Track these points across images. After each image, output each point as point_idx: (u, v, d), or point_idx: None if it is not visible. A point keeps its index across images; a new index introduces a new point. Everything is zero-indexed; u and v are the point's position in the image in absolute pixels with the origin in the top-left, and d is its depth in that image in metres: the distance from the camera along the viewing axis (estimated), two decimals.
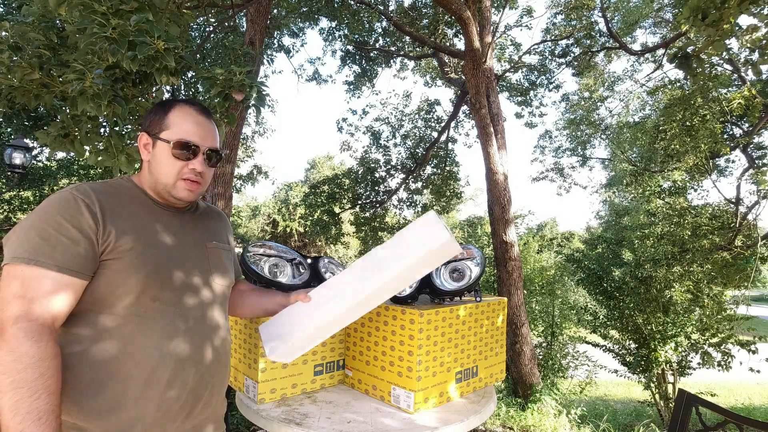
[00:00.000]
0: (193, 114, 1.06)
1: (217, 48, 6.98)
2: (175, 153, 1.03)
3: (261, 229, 17.54)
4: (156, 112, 1.07)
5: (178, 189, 1.04)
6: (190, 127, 1.05)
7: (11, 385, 0.77)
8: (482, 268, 1.62)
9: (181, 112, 1.05)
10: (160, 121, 1.05)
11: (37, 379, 0.78)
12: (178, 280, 1.00)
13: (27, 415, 0.76)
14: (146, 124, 1.07)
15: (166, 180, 1.03)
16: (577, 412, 4.69)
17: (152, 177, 1.05)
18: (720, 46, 2.14)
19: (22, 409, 0.76)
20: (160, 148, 1.04)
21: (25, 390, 0.77)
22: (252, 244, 1.63)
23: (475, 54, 4.88)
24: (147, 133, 1.06)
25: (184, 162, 1.04)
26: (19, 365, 0.78)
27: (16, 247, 0.86)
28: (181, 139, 1.03)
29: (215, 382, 1.06)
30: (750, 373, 5.65)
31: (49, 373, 0.80)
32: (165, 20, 1.88)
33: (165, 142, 1.03)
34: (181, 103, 1.08)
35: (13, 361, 0.78)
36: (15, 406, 0.76)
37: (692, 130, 5.86)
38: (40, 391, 0.78)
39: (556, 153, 12.66)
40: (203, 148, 1.06)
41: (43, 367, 0.80)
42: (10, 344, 0.79)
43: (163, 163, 1.03)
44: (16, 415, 0.76)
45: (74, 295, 0.88)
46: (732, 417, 1.82)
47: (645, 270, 6.17)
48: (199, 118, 1.07)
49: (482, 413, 1.48)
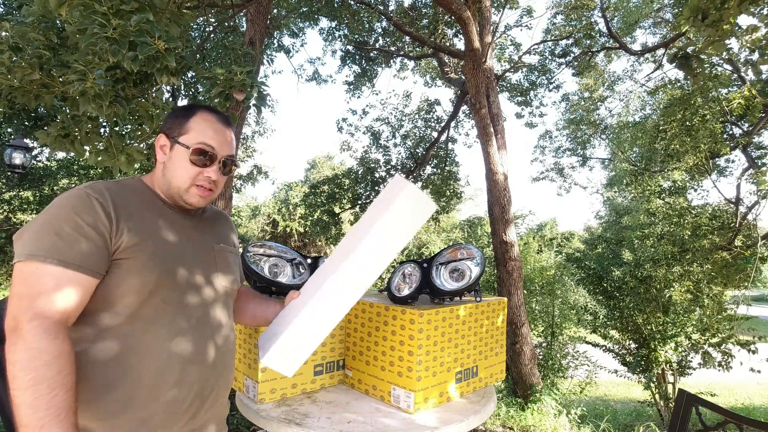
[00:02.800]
0: (213, 121, 1.07)
1: (217, 48, 6.99)
2: (193, 159, 1.04)
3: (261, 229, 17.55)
4: (178, 115, 1.07)
5: (190, 194, 1.05)
6: (210, 134, 1.05)
7: (30, 382, 0.77)
8: (482, 268, 1.62)
9: (202, 119, 1.06)
10: (180, 124, 1.05)
11: (55, 376, 0.79)
12: (186, 281, 1.00)
13: (46, 412, 0.77)
14: (166, 126, 1.07)
15: (180, 184, 1.04)
16: (577, 412, 4.69)
17: (165, 179, 1.05)
18: (720, 46, 2.14)
19: (41, 405, 0.77)
20: (177, 152, 1.04)
21: (44, 387, 0.78)
22: (252, 244, 1.63)
23: (475, 54, 4.88)
24: (165, 135, 1.06)
25: (200, 168, 1.04)
26: (37, 362, 0.78)
27: (30, 245, 0.86)
28: (200, 146, 1.04)
29: (220, 384, 1.07)
30: (750, 373, 5.66)
31: (67, 370, 0.81)
32: (165, 20, 1.88)
33: (183, 146, 1.04)
34: (204, 109, 1.08)
35: (31, 359, 0.78)
36: (34, 403, 0.76)
37: (692, 130, 5.87)
38: (58, 388, 0.79)
39: (556, 153, 12.66)
40: (220, 156, 1.06)
41: (60, 364, 0.80)
42: (27, 341, 0.79)
43: (179, 167, 1.04)
44: (36, 412, 0.76)
45: (86, 293, 0.88)
46: (732, 417, 1.82)
47: (645, 270, 6.18)
48: (218, 126, 1.08)
49: (482, 413, 1.48)
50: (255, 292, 1.39)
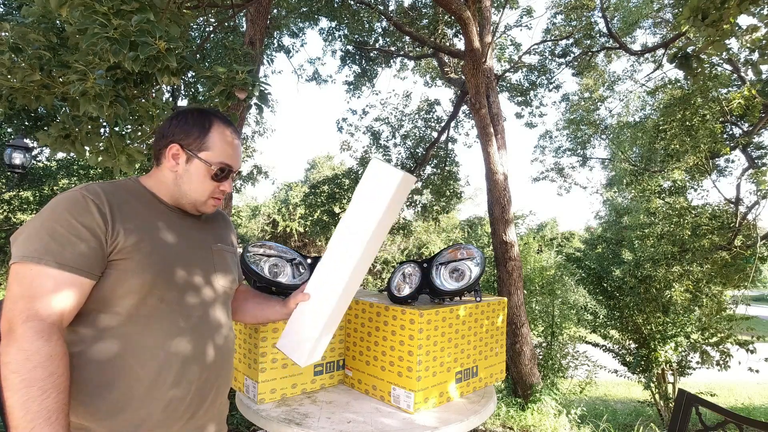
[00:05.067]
0: (230, 136, 1.09)
1: (217, 48, 6.99)
2: (214, 176, 1.06)
3: (261, 229, 17.54)
4: (192, 126, 1.06)
5: (207, 206, 1.10)
6: (230, 151, 1.08)
7: (22, 384, 0.77)
8: (482, 268, 1.63)
9: (220, 134, 1.07)
10: (198, 139, 1.05)
11: (47, 378, 0.79)
12: (184, 281, 1.01)
13: (37, 414, 0.76)
14: (180, 136, 1.05)
15: (198, 197, 1.07)
16: (577, 412, 4.69)
17: (179, 189, 1.06)
18: (720, 46, 2.15)
19: (32, 407, 0.77)
20: (197, 167, 1.05)
21: (35, 389, 0.78)
22: (252, 244, 1.63)
23: (475, 54, 4.88)
24: (180, 146, 1.05)
25: (218, 183, 1.08)
26: (30, 364, 0.78)
27: (25, 246, 0.86)
28: (223, 165, 1.07)
29: (220, 383, 1.07)
30: (750, 373, 5.66)
31: (59, 372, 0.81)
32: (165, 20, 1.88)
33: (205, 163, 1.05)
34: (218, 121, 1.09)
35: (24, 360, 0.78)
36: (25, 404, 0.76)
37: (692, 130, 5.87)
38: (50, 390, 0.79)
39: (556, 153, 12.66)
40: (235, 170, 1.10)
41: (53, 366, 0.80)
42: (20, 343, 0.79)
43: (198, 182, 1.06)
44: (27, 414, 0.76)
45: (82, 294, 0.89)
46: (732, 417, 1.82)
47: (645, 270, 6.18)
48: (234, 140, 1.10)
49: (482, 413, 1.48)
50: (254, 291, 1.39)
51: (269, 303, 1.32)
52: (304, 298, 1.23)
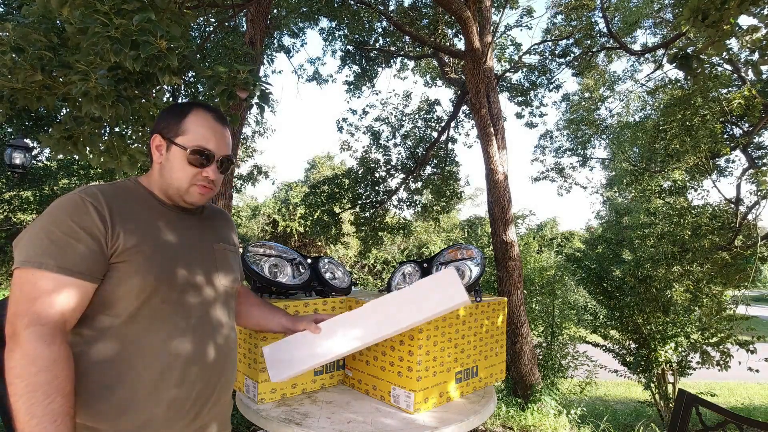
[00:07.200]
0: (209, 120, 1.06)
1: (218, 48, 6.99)
2: (191, 159, 1.03)
3: (261, 229, 17.53)
4: (172, 114, 1.06)
5: (191, 194, 1.05)
6: (207, 134, 1.04)
7: (26, 389, 0.78)
8: (482, 268, 1.63)
9: (198, 118, 1.05)
10: (176, 124, 1.04)
11: (50, 382, 0.79)
12: (186, 281, 1.00)
13: (42, 418, 0.77)
14: (160, 126, 1.05)
15: (179, 185, 1.04)
16: (577, 412, 4.69)
17: (164, 180, 1.04)
18: (720, 46, 2.15)
19: (37, 412, 0.77)
20: (174, 153, 1.03)
21: (39, 393, 0.78)
22: (252, 244, 1.64)
23: (475, 54, 4.88)
24: (161, 135, 1.04)
25: (199, 169, 1.04)
26: (33, 368, 0.79)
27: (26, 251, 0.86)
28: (198, 147, 1.02)
29: (222, 383, 1.07)
30: (750, 373, 5.66)
31: (63, 375, 0.81)
32: (167, 20, 1.88)
33: (181, 147, 1.02)
34: (198, 107, 1.07)
35: (28, 365, 0.79)
36: (30, 409, 0.77)
37: (692, 130, 5.87)
38: (54, 394, 0.79)
39: (556, 153, 12.67)
40: (218, 155, 1.06)
41: (56, 370, 0.80)
42: (23, 348, 0.80)
43: (177, 168, 1.03)
44: (32, 418, 0.77)
45: (84, 297, 0.89)
46: (732, 417, 1.82)
47: (645, 270, 6.18)
48: (215, 125, 1.06)
49: (482, 413, 1.48)
50: (260, 299, 1.39)
51: (275, 314, 1.33)
52: (314, 331, 1.25)
